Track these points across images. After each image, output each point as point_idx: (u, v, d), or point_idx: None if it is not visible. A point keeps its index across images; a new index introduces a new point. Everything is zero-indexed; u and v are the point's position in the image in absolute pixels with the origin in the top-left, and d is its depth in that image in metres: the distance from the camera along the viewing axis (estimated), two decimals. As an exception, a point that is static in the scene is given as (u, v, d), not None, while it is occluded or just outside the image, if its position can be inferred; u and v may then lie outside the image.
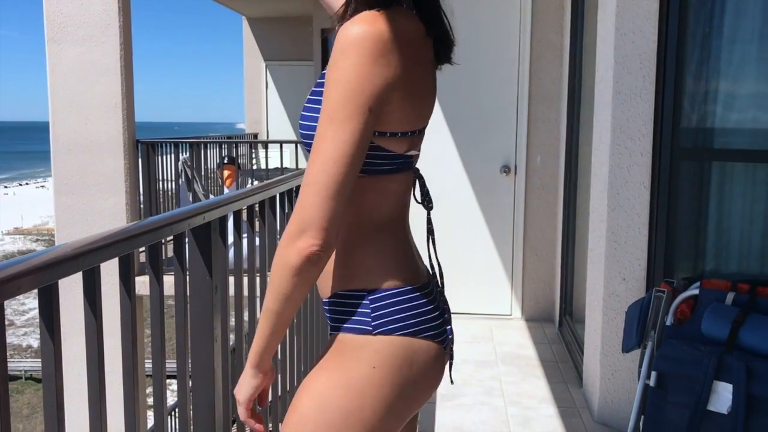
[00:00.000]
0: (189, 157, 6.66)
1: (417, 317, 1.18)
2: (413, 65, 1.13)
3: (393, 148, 1.16)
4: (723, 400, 2.38)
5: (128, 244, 1.37)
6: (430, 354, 1.19)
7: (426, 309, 1.19)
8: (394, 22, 1.10)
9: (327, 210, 1.06)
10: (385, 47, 1.08)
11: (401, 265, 1.20)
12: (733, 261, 3.06)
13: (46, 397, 1.16)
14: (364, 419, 1.13)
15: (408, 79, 1.12)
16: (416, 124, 1.18)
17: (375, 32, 1.07)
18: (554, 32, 4.83)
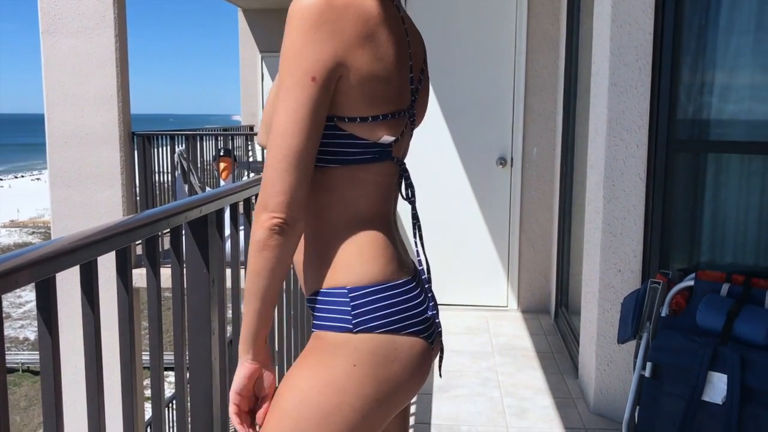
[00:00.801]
0: (185, 150, 6.66)
1: (399, 314, 1.15)
2: (369, 42, 1.09)
3: (364, 134, 1.13)
4: (718, 391, 2.39)
5: (125, 238, 1.37)
6: (413, 350, 1.16)
7: (409, 305, 1.17)
8: None
9: (283, 182, 1.07)
10: (330, 17, 1.06)
11: (382, 260, 1.17)
12: (728, 252, 3.07)
13: (44, 391, 1.16)
14: (345, 417, 1.12)
15: (362, 56, 1.08)
16: (382, 107, 1.13)
17: (320, 2, 1.06)
18: (550, 24, 4.82)
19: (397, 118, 1.16)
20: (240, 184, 2.13)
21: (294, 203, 1.08)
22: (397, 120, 1.16)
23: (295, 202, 1.08)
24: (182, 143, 6.78)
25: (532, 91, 4.90)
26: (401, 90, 1.17)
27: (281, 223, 1.08)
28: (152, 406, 1.70)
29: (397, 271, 1.18)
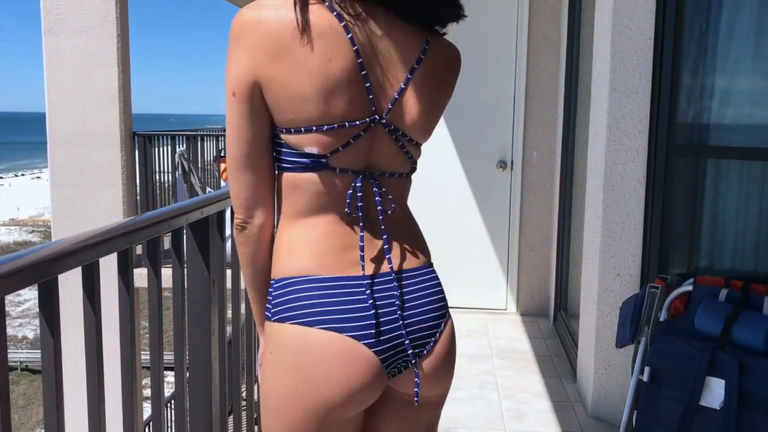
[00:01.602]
0: (186, 150, 6.67)
1: (315, 307, 1.16)
2: (283, 57, 1.11)
3: (291, 144, 1.16)
4: (715, 396, 2.40)
5: (127, 239, 1.38)
6: (330, 346, 1.16)
7: (330, 300, 1.17)
8: (268, 10, 1.12)
9: (233, 187, 1.21)
10: (244, 35, 1.13)
11: (310, 255, 1.19)
12: (727, 258, 3.08)
13: (45, 391, 1.17)
14: (272, 405, 1.21)
15: (275, 71, 1.12)
16: (303, 120, 1.14)
17: (239, 19, 1.13)
18: (551, 27, 4.83)
19: (326, 130, 1.14)
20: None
21: (244, 205, 1.21)
22: (328, 132, 1.14)
23: (245, 204, 1.21)
24: (183, 143, 6.79)
25: (533, 95, 4.91)
26: (348, 101, 1.14)
27: (240, 222, 1.23)
28: (152, 406, 1.71)
29: (324, 267, 1.19)
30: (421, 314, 1.25)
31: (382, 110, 1.19)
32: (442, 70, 1.29)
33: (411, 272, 1.27)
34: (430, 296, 1.27)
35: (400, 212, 1.29)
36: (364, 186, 1.21)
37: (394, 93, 1.20)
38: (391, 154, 1.23)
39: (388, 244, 1.24)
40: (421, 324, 1.24)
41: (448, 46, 1.32)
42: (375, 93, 1.18)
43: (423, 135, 1.27)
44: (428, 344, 1.25)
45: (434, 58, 1.26)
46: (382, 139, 1.21)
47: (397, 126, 1.21)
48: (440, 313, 1.28)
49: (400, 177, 1.27)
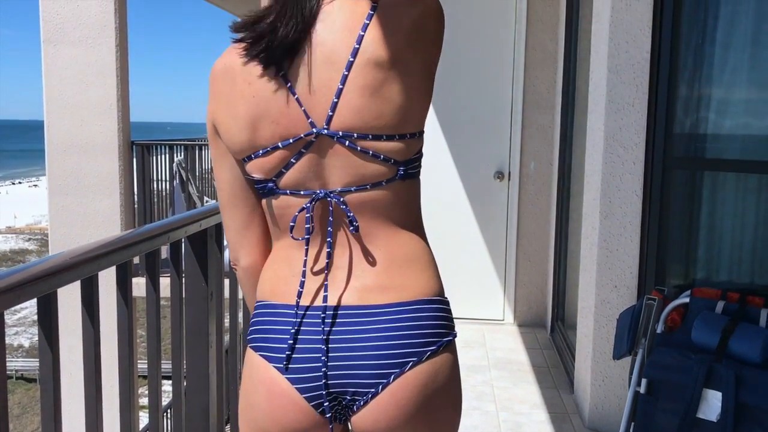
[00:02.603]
0: (184, 159, 6.67)
1: (260, 333, 1.16)
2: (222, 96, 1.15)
3: (250, 172, 1.16)
4: (712, 408, 2.40)
5: (126, 253, 1.38)
6: (260, 374, 1.14)
7: (270, 327, 1.15)
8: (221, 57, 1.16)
9: (225, 227, 1.27)
10: (211, 80, 1.18)
11: (269, 280, 1.19)
12: (724, 270, 3.09)
13: (43, 405, 1.17)
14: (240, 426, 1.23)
15: (219, 109, 1.15)
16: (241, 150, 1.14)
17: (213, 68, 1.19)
18: (549, 39, 4.86)
19: (262, 155, 1.12)
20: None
21: (231, 246, 1.26)
22: (264, 156, 1.12)
23: (232, 246, 1.26)
24: (181, 153, 6.80)
25: (530, 106, 4.92)
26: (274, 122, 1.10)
27: (231, 262, 1.28)
28: (149, 417, 1.70)
29: (278, 292, 1.16)
30: (358, 358, 1.09)
31: (323, 119, 1.09)
32: (390, 42, 1.08)
33: (362, 310, 1.11)
34: (381, 340, 1.09)
35: (386, 231, 1.14)
36: (320, 206, 1.13)
37: (332, 97, 1.08)
38: (351, 164, 1.10)
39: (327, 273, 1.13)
40: (356, 370, 1.09)
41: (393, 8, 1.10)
42: (308, 104, 1.09)
43: (399, 124, 1.10)
44: (366, 395, 1.10)
45: (377, 35, 1.08)
46: (334, 150, 1.09)
47: (349, 131, 1.08)
48: (392, 362, 1.09)
49: (376, 187, 1.11)
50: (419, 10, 1.10)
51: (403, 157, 1.11)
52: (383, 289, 1.11)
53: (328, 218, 1.11)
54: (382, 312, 1.10)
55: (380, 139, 1.08)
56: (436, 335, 1.12)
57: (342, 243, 1.13)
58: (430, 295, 1.14)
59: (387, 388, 1.08)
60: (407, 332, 1.09)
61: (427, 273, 1.15)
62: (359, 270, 1.12)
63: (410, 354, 1.09)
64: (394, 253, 1.13)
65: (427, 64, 1.12)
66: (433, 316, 1.12)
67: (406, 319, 1.10)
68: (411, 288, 1.12)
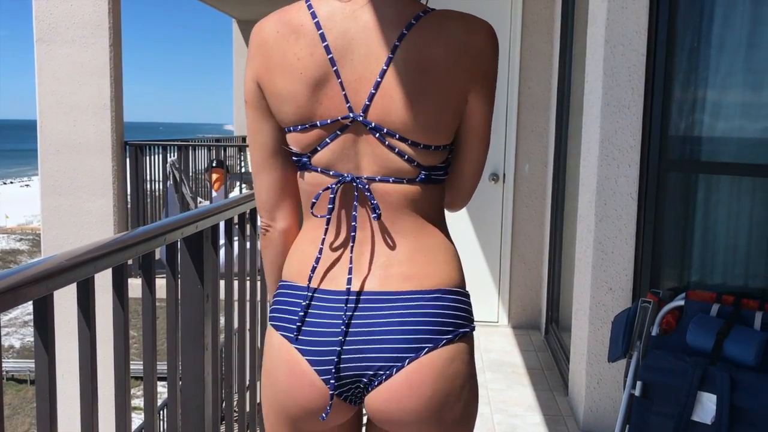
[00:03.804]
0: (177, 159, 6.65)
1: (283, 312, 1.19)
2: (268, 64, 1.15)
3: (288, 143, 1.19)
4: (707, 411, 2.41)
5: (122, 255, 1.37)
6: (281, 353, 1.17)
7: (293, 309, 1.17)
8: (266, 20, 1.17)
9: (256, 190, 1.26)
10: (249, 45, 1.19)
11: (295, 260, 1.21)
12: (718, 273, 3.10)
13: (39, 406, 1.16)
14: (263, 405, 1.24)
15: (265, 76, 1.15)
16: (288, 120, 1.16)
17: (253, 31, 1.19)
18: (544, 41, 4.86)
19: (300, 130, 1.15)
20: (235, 199, 2.13)
21: (265, 208, 1.25)
22: (303, 132, 1.15)
23: (266, 207, 1.25)
24: (174, 153, 6.77)
25: (525, 108, 4.93)
26: (319, 101, 1.12)
27: (264, 226, 1.27)
28: (144, 417, 1.70)
29: (302, 274, 1.19)
30: (375, 342, 1.11)
31: (359, 107, 1.11)
32: (435, 51, 1.10)
33: (384, 296, 1.13)
34: (399, 325, 1.12)
35: (411, 223, 1.16)
36: (347, 190, 1.15)
37: (371, 88, 1.10)
38: (379, 155, 1.13)
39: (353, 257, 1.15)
40: (375, 353, 1.11)
41: (449, 21, 1.12)
42: (350, 89, 1.11)
43: (424, 135, 1.12)
44: (381, 377, 1.12)
45: (421, 40, 1.10)
46: (365, 138, 1.12)
47: (380, 124, 1.11)
48: (409, 346, 1.11)
49: (399, 182, 1.14)
50: (474, 39, 1.14)
51: (426, 163, 1.15)
52: (405, 276, 1.14)
53: (353, 203, 1.14)
54: (403, 299, 1.12)
55: (405, 142, 1.12)
56: (453, 324, 1.14)
57: (365, 228, 1.16)
58: (450, 285, 1.16)
59: (402, 370, 1.11)
60: (425, 319, 1.12)
61: (449, 265, 1.18)
62: (383, 257, 1.15)
63: (426, 340, 1.11)
64: (418, 243, 1.16)
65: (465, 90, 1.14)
66: (452, 306, 1.14)
67: (425, 306, 1.12)
68: (432, 277, 1.15)
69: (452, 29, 1.11)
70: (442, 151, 1.16)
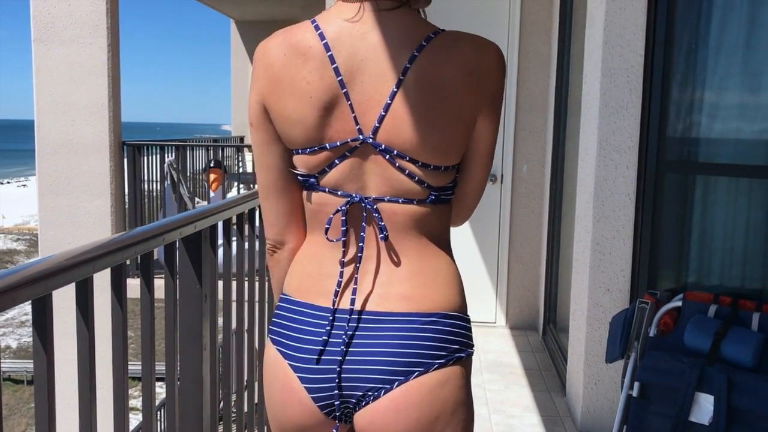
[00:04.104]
0: (175, 160, 6.64)
1: (281, 327, 1.20)
2: (275, 87, 1.13)
3: (296, 164, 1.19)
4: (704, 411, 2.41)
5: (121, 255, 1.37)
6: (275, 369, 1.19)
7: (291, 325, 1.18)
8: (271, 39, 1.16)
9: (264, 212, 1.26)
10: (254, 65, 1.18)
11: (297, 275, 1.22)
12: (716, 274, 3.10)
13: (38, 406, 1.16)
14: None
15: (271, 98, 1.15)
16: (295, 142, 1.15)
17: (256, 51, 1.18)
18: (542, 43, 4.87)
19: (308, 152, 1.14)
20: (233, 199, 2.13)
21: (274, 230, 1.25)
22: (311, 154, 1.14)
23: (276, 230, 1.25)
24: (172, 153, 6.76)
25: (523, 109, 4.93)
26: (329, 124, 1.11)
27: (271, 247, 1.28)
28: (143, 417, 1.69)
29: (304, 290, 1.19)
30: (370, 363, 1.11)
31: (370, 129, 1.11)
32: (446, 73, 1.10)
33: (387, 316, 1.13)
34: (393, 347, 1.11)
35: (416, 244, 1.15)
36: (354, 210, 1.15)
37: (381, 110, 1.10)
38: (388, 176, 1.13)
39: (358, 278, 1.15)
40: (366, 374, 1.11)
41: (459, 43, 1.13)
42: (360, 111, 1.11)
43: (434, 156, 1.12)
44: (369, 397, 1.11)
45: (432, 62, 1.10)
46: (374, 159, 1.12)
47: (390, 146, 1.11)
48: (399, 369, 1.10)
49: (408, 203, 1.13)
50: (484, 61, 1.13)
51: (436, 184, 1.15)
52: (404, 297, 1.13)
53: (361, 223, 1.15)
54: (399, 320, 1.12)
55: (416, 163, 1.12)
56: (447, 349, 1.12)
57: (372, 248, 1.16)
58: (449, 309, 1.15)
59: (389, 393, 1.10)
60: (419, 342, 1.11)
61: (450, 288, 1.17)
62: (385, 277, 1.15)
63: (418, 364, 1.11)
64: (421, 264, 1.15)
65: (475, 112, 1.14)
66: (448, 330, 1.13)
67: (420, 329, 1.11)
68: (431, 300, 1.14)
69: (462, 51, 1.11)
70: (451, 171, 1.16)
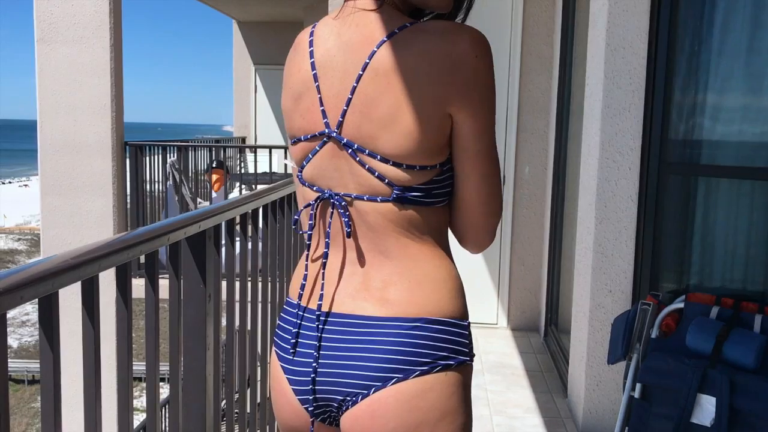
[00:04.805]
0: (177, 160, 6.65)
1: (277, 328, 1.23)
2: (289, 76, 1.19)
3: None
4: (706, 413, 2.41)
5: (126, 254, 1.38)
6: (275, 369, 1.20)
7: (282, 325, 1.21)
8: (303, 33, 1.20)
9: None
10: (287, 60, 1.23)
11: (295, 275, 1.24)
12: (718, 275, 3.10)
13: (44, 405, 1.16)
14: None
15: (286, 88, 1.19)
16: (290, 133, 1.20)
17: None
18: (544, 44, 4.87)
19: (292, 144, 1.19)
20: (237, 199, 2.14)
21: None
22: (297, 145, 1.18)
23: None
24: (174, 153, 6.77)
25: (525, 111, 4.94)
26: (302, 116, 1.15)
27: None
28: (147, 416, 1.70)
29: (293, 289, 1.22)
30: (345, 367, 1.09)
31: (334, 123, 1.10)
32: (406, 64, 1.04)
33: (356, 319, 1.09)
34: (369, 352, 1.07)
35: (384, 245, 1.10)
36: (326, 207, 1.15)
37: (343, 104, 1.09)
38: (354, 172, 1.10)
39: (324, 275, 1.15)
40: (343, 378, 1.09)
41: (424, 33, 1.06)
42: (328, 105, 1.11)
43: (396, 151, 1.06)
44: (349, 402, 1.09)
45: (392, 55, 1.05)
46: (342, 155, 1.10)
47: (352, 140, 1.08)
48: (376, 374, 1.06)
49: (372, 200, 1.09)
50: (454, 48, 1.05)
51: (400, 182, 1.07)
52: (384, 301, 1.08)
53: (328, 220, 1.14)
54: (377, 324, 1.07)
55: (374, 157, 1.07)
56: (431, 356, 1.06)
57: (338, 247, 1.14)
58: (438, 315, 1.08)
59: (366, 398, 1.07)
60: (398, 348, 1.06)
61: (439, 294, 1.10)
62: (358, 278, 1.11)
63: (396, 370, 1.06)
64: (404, 268, 1.10)
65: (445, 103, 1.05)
66: (433, 337, 1.07)
67: (401, 335, 1.06)
68: (415, 305, 1.08)
69: (426, 41, 1.04)
70: (425, 171, 1.08)
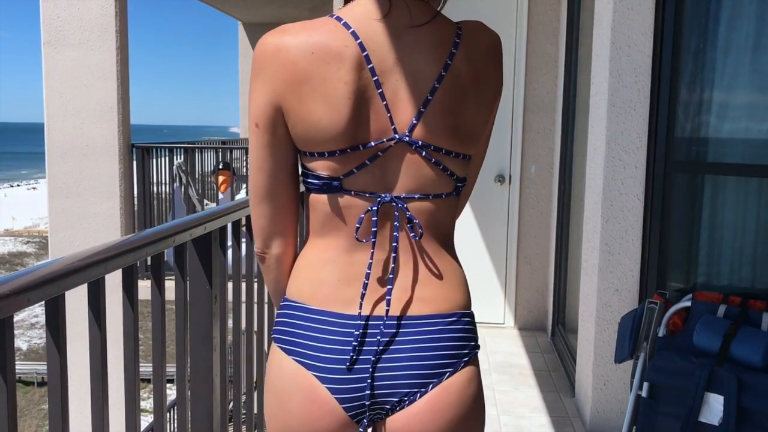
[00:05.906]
0: (183, 162, 6.67)
1: (295, 336, 1.14)
2: (301, 84, 1.07)
3: (312, 168, 1.13)
4: (714, 412, 2.41)
5: (132, 256, 1.38)
6: (295, 380, 1.13)
7: (309, 334, 1.13)
8: (287, 35, 1.08)
9: (253, 217, 1.21)
10: (264, 65, 1.10)
11: (308, 282, 1.16)
12: (725, 274, 3.09)
13: (51, 406, 1.17)
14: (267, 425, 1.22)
15: (293, 98, 1.08)
16: (319, 145, 1.10)
17: (260, 47, 1.11)
18: (550, 43, 4.87)
19: (338, 156, 1.10)
20: (243, 201, 2.14)
21: (261, 235, 1.20)
22: (341, 157, 1.10)
23: (262, 234, 1.20)
24: (181, 155, 6.79)
25: (531, 110, 4.93)
26: (356, 128, 1.09)
27: (259, 252, 1.23)
28: (154, 418, 1.71)
29: (320, 297, 1.14)
30: (403, 368, 1.11)
31: (405, 127, 1.10)
32: (481, 62, 1.14)
33: (414, 320, 1.13)
34: (426, 350, 1.12)
35: (433, 242, 1.16)
36: (385, 210, 1.12)
37: (419, 106, 1.10)
38: (421, 173, 1.12)
39: (392, 283, 1.13)
40: (401, 380, 1.11)
41: (480, 30, 1.17)
42: (395, 110, 1.10)
43: (467, 145, 1.14)
44: (405, 401, 1.12)
45: (468, 52, 1.13)
46: (407, 157, 1.11)
47: (427, 141, 1.11)
48: (432, 371, 1.12)
49: (436, 198, 1.14)
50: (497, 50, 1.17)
51: (461, 174, 1.16)
52: (426, 300, 1.14)
53: (393, 223, 1.12)
54: (425, 323, 1.13)
55: (450, 155, 1.12)
56: (468, 347, 1.16)
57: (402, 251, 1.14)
58: (464, 308, 1.18)
59: (425, 395, 1.11)
60: (445, 343, 1.13)
61: (462, 287, 1.19)
62: (410, 279, 1.14)
63: (448, 364, 1.13)
64: (437, 265, 1.16)
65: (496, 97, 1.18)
66: (466, 329, 1.16)
67: (443, 330, 1.13)
68: (448, 300, 1.15)
69: (484, 41, 1.16)
70: (468, 160, 1.18)
